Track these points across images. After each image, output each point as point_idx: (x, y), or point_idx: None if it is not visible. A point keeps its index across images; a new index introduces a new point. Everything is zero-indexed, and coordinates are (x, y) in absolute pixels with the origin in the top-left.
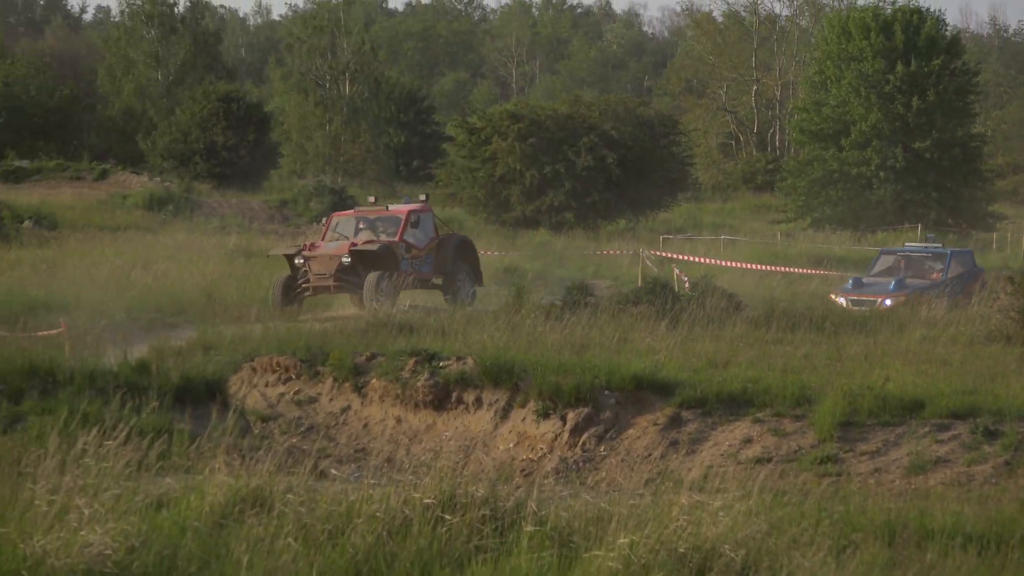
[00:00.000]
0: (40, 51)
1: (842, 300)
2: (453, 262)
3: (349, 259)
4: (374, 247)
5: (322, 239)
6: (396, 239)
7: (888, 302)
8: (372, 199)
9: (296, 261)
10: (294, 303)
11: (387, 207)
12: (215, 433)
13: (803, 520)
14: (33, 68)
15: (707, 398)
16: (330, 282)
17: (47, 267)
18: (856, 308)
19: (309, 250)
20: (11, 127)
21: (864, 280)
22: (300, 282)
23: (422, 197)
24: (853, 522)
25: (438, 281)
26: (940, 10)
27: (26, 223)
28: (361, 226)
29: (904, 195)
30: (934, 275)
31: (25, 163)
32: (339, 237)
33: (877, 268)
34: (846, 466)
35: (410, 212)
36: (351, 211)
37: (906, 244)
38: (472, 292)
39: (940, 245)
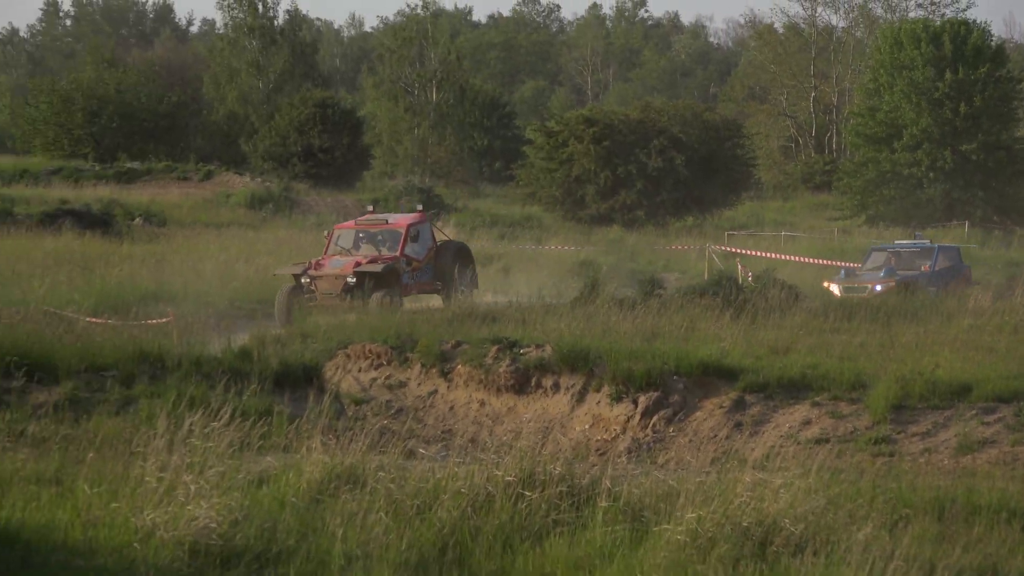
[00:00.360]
0: (150, 61)
1: (835, 288)
2: (452, 268)
3: (354, 279)
4: (378, 268)
5: (325, 252)
6: (397, 254)
7: (878, 287)
8: (370, 208)
9: (303, 280)
10: (295, 317)
11: (387, 220)
12: (312, 415)
13: (858, 497)
14: (144, 77)
15: (769, 383)
16: (336, 300)
17: (156, 261)
18: (848, 294)
19: (315, 269)
20: (123, 131)
21: (856, 271)
22: (307, 298)
23: (419, 207)
24: (905, 499)
25: (438, 286)
26: (986, 21)
27: (137, 220)
28: (362, 238)
29: (952, 194)
30: (923, 268)
31: (136, 165)
32: (341, 251)
33: (869, 264)
34: (898, 446)
35: (409, 226)
36: (351, 223)
37: (895, 241)
38: (469, 296)
39: (928, 242)
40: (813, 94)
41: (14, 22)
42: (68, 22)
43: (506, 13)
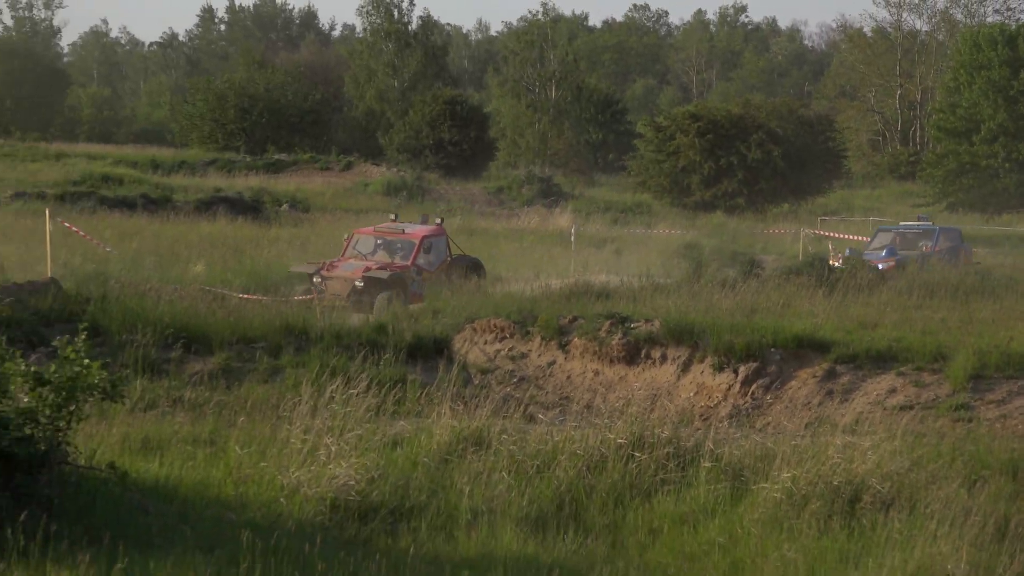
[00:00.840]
0: (296, 62)
1: (838, 265)
2: (464, 282)
3: (362, 283)
4: (384, 275)
5: (343, 255)
6: (408, 263)
7: (880, 267)
8: (393, 216)
9: (315, 279)
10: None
11: (404, 230)
12: (441, 383)
13: (939, 458)
14: (290, 77)
15: (858, 355)
16: (344, 301)
17: (301, 243)
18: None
19: (327, 270)
20: (271, 126)
21: (859, 252)
22: (318, 297)
23: (438, 220)
24: (982, 460)
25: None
26: None
27: (284, 207)
28: (379, 245)
29: None
30: (924, 248)
31: (283, 156)
32: (358, 255)
33: (875, 243)
34: (976, 413)
35: (423, 238)
36: (371, 229)
37: (900, 223)
38: None
39: (931, 223)
40: (899, 92)
41: (174, 27)
42: (222, 27)
43: (619, 18)
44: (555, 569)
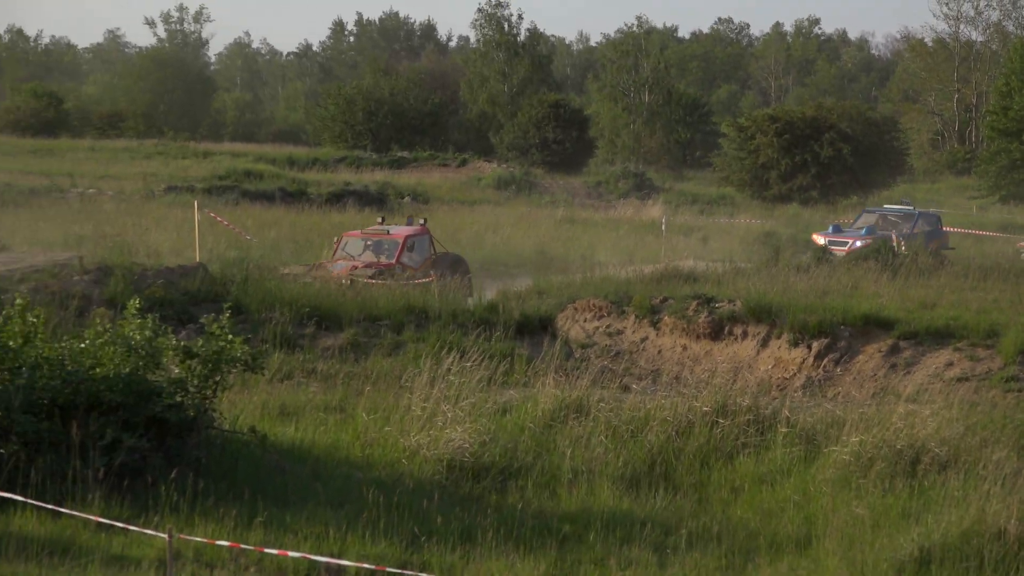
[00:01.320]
0: (417, 70)
1: (820, 240)
2: (448, 276)
3: (348, 282)
4: (369, 272)
5: (333, 256)
6: (393, 261)
7: (858, 243)
8: (380, 220)
9: (305, 280)
10: None
11: (388, 231)
12: (546, 357)
13: (991, 425)
14: (411, 83)
15: (918, 332)
16: None
17: None
18: (833, 247)
19: (317, 270)
20: (395, 127)
21: (842, 228)
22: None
23: (421, 221)
24: None
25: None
26: None
27: (406, 199)
28: (368, 246)
29: None
30: (903, 229)
31: (405, 153)
32: (347, 256)
33: (859, 223)
34: None
35: (407, 238)
36: (358, 232)
37: (884, 206)
38: (464, 301)
39: (912, 208)
40: (956, 96)
41: (308, 39)
42: (351, 39)
43: (705, 30)
44: (647, 523)
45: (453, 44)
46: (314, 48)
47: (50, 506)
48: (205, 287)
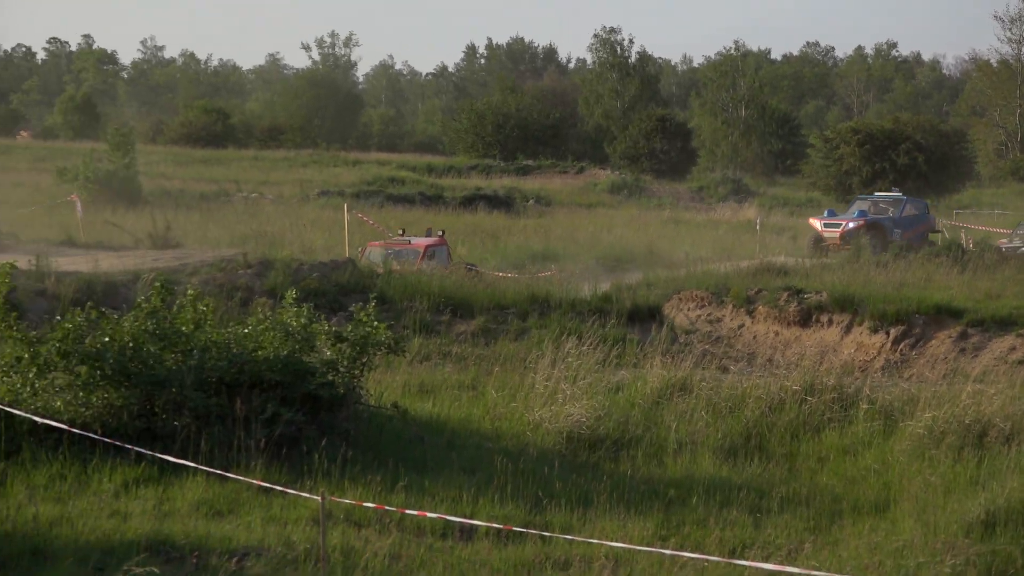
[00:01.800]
0: (540, 88)
1: (817, 224)
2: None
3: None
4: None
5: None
6: (415, 270)
7: (851, 225)
8: (401, 232)
9: None
10: None
11: (410, 241)
12: (654, 341)
13: None
14: (535, 99)
15: (985, 319)
16: None
17: (543, 231)
18: (827, 230)
19: None
20: (520, 138)
21: (836, 213)
22: None
23: (439, 233)
24: None
25: None
26: None
27: (530, 202)
28: (388, 255)
29: None
30: (890, 212)
31: (530, 162)
32: (371, 264)
33: (852, 209)
34: None
35: (427, 247)
36: (381, 243)
37: (875, 193)
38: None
39: (900, 194)
40: (1019, 111)
41: (444, 61)
42: (482, 61)
43: (795, 52)
44: (743, 488)
45: (572, 65)
46: (449, 69)
47: (218, 471)
48: (354, 279)
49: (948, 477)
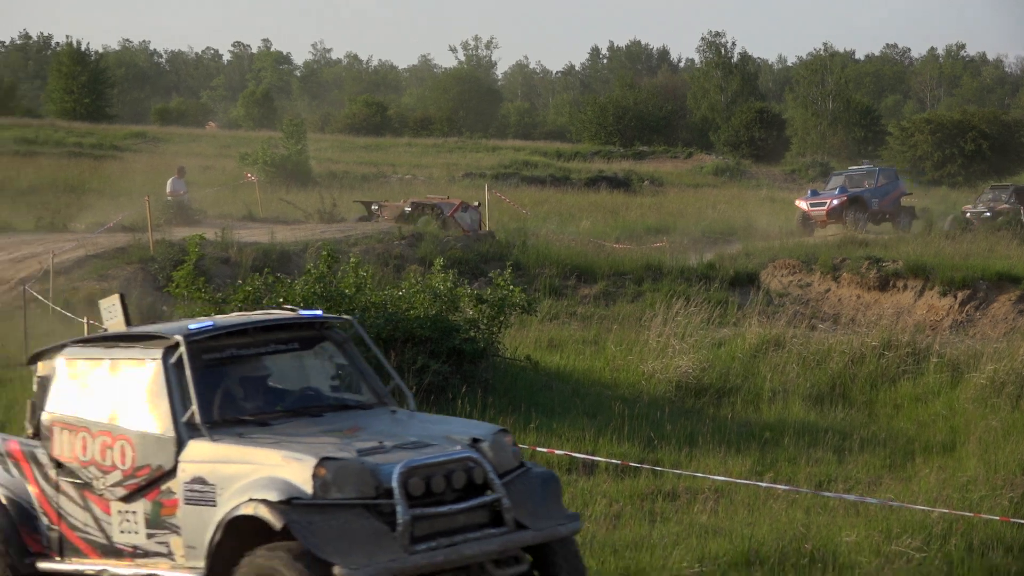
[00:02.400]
0: (655, 85)
1: (803, 204)
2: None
3: (410, 209)
4: (430, 203)
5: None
6: (450, 214)
7: (835, 202)
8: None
9: (373, 208)
10: None
11: (447, 197)
12: (752, 303)
13: None
14: (650, 94)
15: None
16: (395, 223)
17: (656, 208)
18: (813, 208)
19: (380, 208)
20: (637, 127)
21: (819, 192)
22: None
23: (476, 203)
24: None
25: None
26: None
27: (645, 183)
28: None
29: None
30: (865, 184)
31: (645, 148)
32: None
33: (830, 185)
34: None
35: (461, 203)
36: (411, 200)
37: (848, 167)
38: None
39: (872, 165)
40: None
41: (572, 61)
42: (604, 60)
43: (876, 53)
44: (828, 431)
45: (682, 65)
46: (576, 68)
47: None
48: (493, 249)
49: (1007, 422)
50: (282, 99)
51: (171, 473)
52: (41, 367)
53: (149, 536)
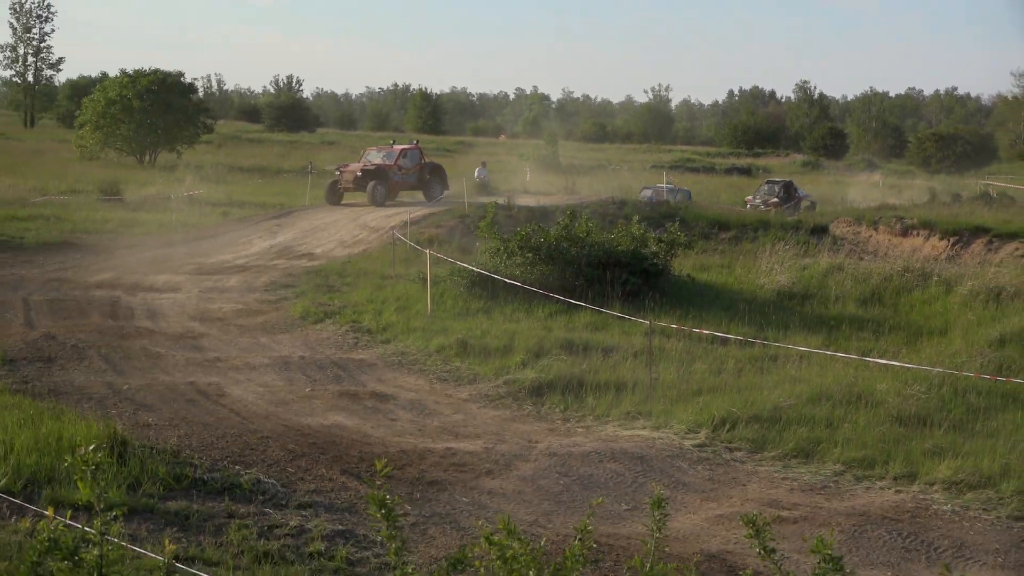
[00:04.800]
0: (767, 112)
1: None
2: (427, 178)
3: (361, 174)
4: (372, 167)
5: (360, 162)
6: (392, 163)
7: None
8: (392, 142)
9: (336, 173)
10: (338, 200)
11: (392, 143)
12: (823, 245)
13: None
14: (763, 118)
15: (1002, 233)
16: (351, 186)
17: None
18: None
19: (341, 169)
20: (755, 138)
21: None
22: (340, 186)
23: (415, 141)
24: None
25: (420, 188)
26: None
27: (760, 171)
28: (378, 153)
29: None
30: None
31: (760, 150)
32: (364, 161)
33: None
34: None
35: (402, 150)
36: (375, 148)
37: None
38: (440, 194)
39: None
40: None
41: (717, 98)
42: (736, 97)
43: (903, 92)
44: (869, 320)
45: (783, 99)
46: (719, 102)
47: (596, 308)
48: (668, 209)
49: (980, 316)
50: (544, 121)
51: None
52: None
53: None
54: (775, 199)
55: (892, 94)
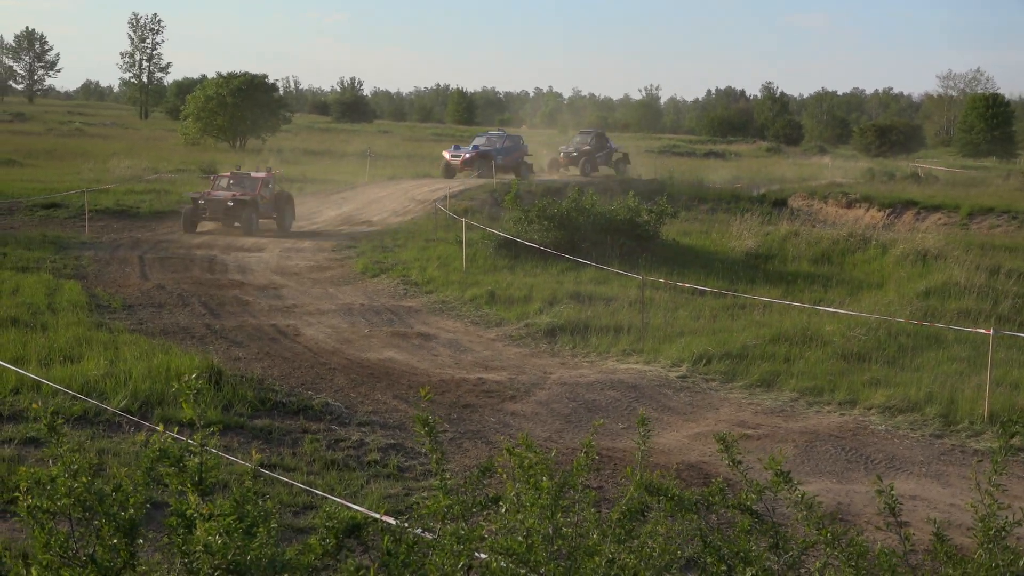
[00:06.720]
0: (738, 107)
1: (447, 155)
2: (281, 208)
3: (232, 204)
4: (246, 198)
5: (212, 189)
6: (256, 192)
7: (467, 155)
8: (238, 167)
9: (199, 202)
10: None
11: (249, 174)
12: (783, 215)
13: (943, 240)
14: (734, 112)
15: (927, 205)
16: (220, 216)
17: (736, 167)
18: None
19: (205, 197)
20: (727, 128)
21: (460, 148)
22: (201, 214)
23: (269, 166)
24: None
25: (274, 216)
26: None
27: (732, 155)
28: (232, 183)
29: None
30: (496, 145)
31: (732, 138)
32: (220, 189)
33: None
34: None
35: (262, 178)
36: (228, 173)
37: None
38: (290, 223)
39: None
40: None
41: (698, 96)
42: (713, 95)
43: (849, 91)
44: (819, 276)
45: (751, 97)
46: (700, 99)
47: (599, 265)
48: (657, 186)
49: (911, 273)
50: (557, 114)
51: None
52: None
53: None
54: (587, 147)
55: (840, 93)
